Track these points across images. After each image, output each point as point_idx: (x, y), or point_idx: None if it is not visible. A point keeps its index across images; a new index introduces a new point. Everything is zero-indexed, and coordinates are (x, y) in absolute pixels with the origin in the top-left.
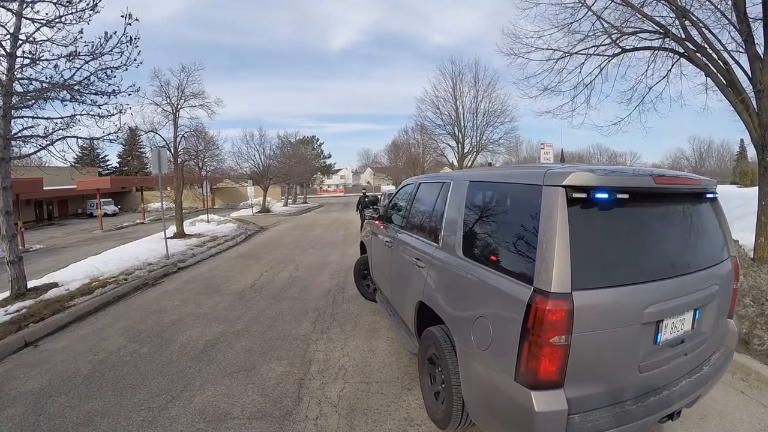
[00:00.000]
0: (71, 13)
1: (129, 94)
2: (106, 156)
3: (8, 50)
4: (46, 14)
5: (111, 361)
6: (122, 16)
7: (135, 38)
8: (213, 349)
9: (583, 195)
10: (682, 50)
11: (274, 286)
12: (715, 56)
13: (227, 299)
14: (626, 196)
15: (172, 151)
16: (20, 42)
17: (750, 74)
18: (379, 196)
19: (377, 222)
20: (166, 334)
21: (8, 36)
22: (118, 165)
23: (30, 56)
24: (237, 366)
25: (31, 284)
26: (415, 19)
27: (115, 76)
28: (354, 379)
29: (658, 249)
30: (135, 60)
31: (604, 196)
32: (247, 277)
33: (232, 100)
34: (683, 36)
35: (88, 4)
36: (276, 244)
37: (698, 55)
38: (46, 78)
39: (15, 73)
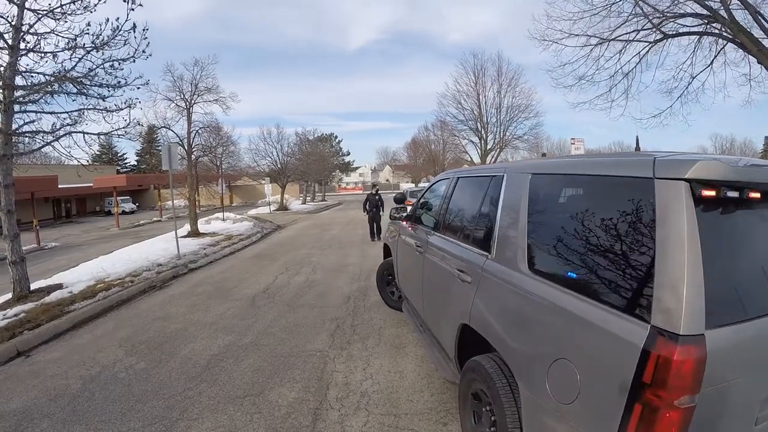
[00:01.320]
0: (74, 2)
1: (138, 87)
2: (124, 154)
3: (10, 43)
4: (49, 4)
5: (104, 378)
6: (124, 1)
7: (144, 29)
8: (217, 367)
9: (712, 193)
10: (731, 35)
11: (288, 291)
12: None
13: (238, 305)
14: (758, 195)
15: (186, 147)
16: (22, 34)
17: None
18: (404, 192)
19: (405, 222)
20: (167, 346)
21: (10, 28)
22: (136, 163)
23: (25, 44)
24: (243, 389)
25: (36, 285)
26: (433, 17)
27: (122, 69)
28: (379, 409)
29: None
30: (144, 52)
31: (735, 194)
32: (261, 280)
33: (250, 99)
34: (730, 20)
35: None
36: (293, 244)
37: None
38: (51, 71)
39: (17, 66)
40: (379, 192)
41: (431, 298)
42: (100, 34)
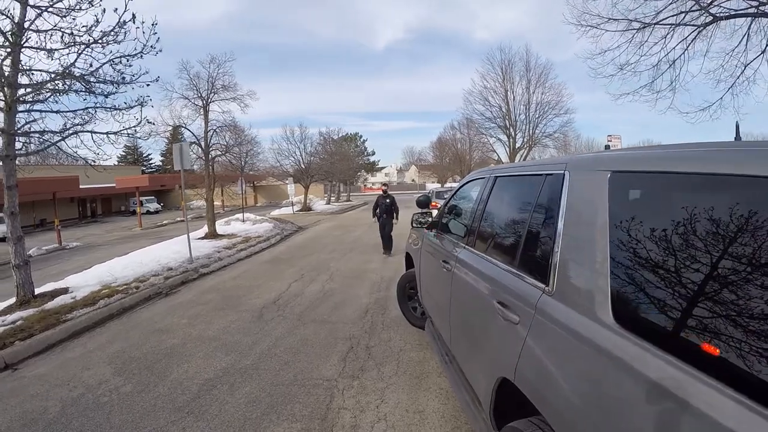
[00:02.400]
0: None
1: (147, 84)
2: (149, 154)
3: (12, 40)
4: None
5: (84, 402)
6: None
7: (153, 23)
8: (208, 395)
9: None
10: None
11: (301, 302)
12: None
13: (243, 318)
14: None
15: (203, 146)
16: (24, 30)
17: None
18: (429, 194)
19: (430, 230)
20: (159, 366)
21: (12, 25)
22: (161, 163)
23: (26, 40)
24: (233, 427)
25: (43, 289)
26: (460, 15)
27: (131, 65)
28: None
29: None
30: (153, 47)
31: None
32: (273, 287)
33: (274, 99)
34: None
35: None
36: (312, 247)
37: None
38: (56, 68)
39: (19, 64)
40: (390, 194)
41: (461, 328)
42: (97, 25)
